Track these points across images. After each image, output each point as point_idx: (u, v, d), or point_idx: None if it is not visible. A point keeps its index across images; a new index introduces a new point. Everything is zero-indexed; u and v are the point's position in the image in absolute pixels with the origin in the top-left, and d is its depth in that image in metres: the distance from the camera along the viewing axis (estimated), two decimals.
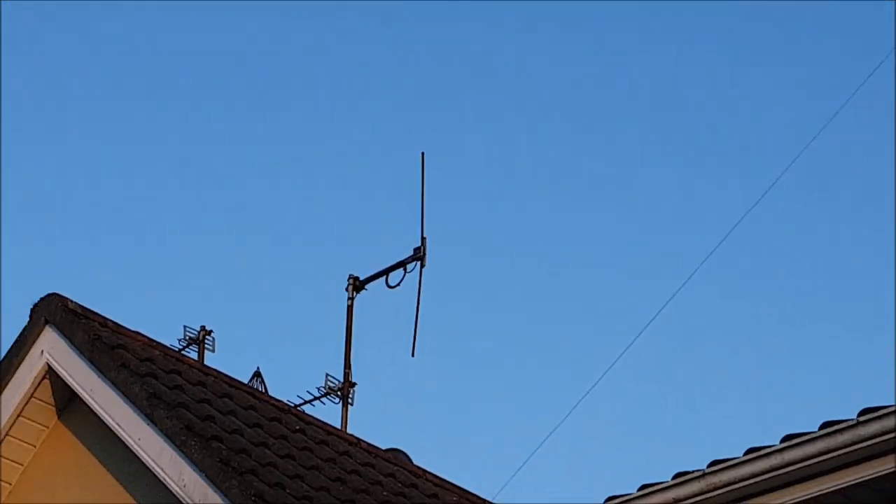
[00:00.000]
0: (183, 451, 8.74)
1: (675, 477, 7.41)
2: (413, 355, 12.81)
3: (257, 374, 12.06)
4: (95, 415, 9.41)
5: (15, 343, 9.97)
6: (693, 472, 7.42)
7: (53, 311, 9.82)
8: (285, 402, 11.38)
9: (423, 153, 12.96)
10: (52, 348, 9.73)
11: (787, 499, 7.14)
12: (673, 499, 7.46)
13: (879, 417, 6.58)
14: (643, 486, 7.58)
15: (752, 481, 7.19)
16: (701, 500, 7.37)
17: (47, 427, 10.00)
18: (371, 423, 13.45)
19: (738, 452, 7.07)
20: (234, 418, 9.67)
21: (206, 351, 12.27)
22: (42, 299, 9.92)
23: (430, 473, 11.39)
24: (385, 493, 10.11)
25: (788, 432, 7.06)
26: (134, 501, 9.32)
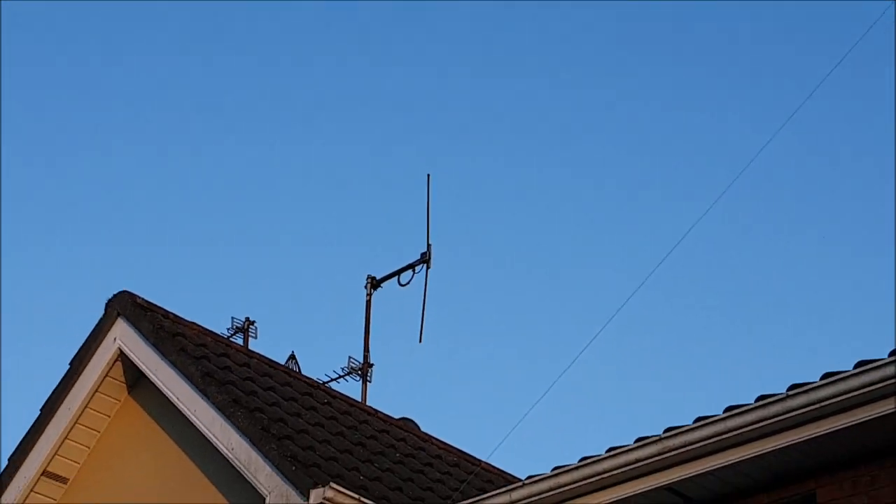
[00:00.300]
0: (231, 421, 8.90)
1: (636, 441, 7.59)
2: (420, 341, 12.70)
3: (292, 357, 11.98)
4: (159, 391, 9.61)
5: (92, 332, 10.07)
6: (651, 436, 7.66)
7: (124, 306, 9.96)
8: (315, 379, 11.57)
9: (428, 175, 12.97)
10: (122, 336, 9.87)
11: (730, 459, 7.43)
12: (635, 459, 7.67)
13: (806, 392, 6.87)
14: (610, 449, 7.72)
15: (700, 444, 7.39)
16: (659, 461, 7.61)
17: (119, 401, 10.13)
18: (386, 398, 13.43)
19: (719, 409, 7.21)
20: (272, 393, 9.79)
21: (249, 338, 12.22)
22: (115, 295, 10.06)
23: (434, 439, 11.52)
24: (397, 455, 10.17)
25: (762, 392, 7.15)
26: (192, 464, 9.43)
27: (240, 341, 11.80)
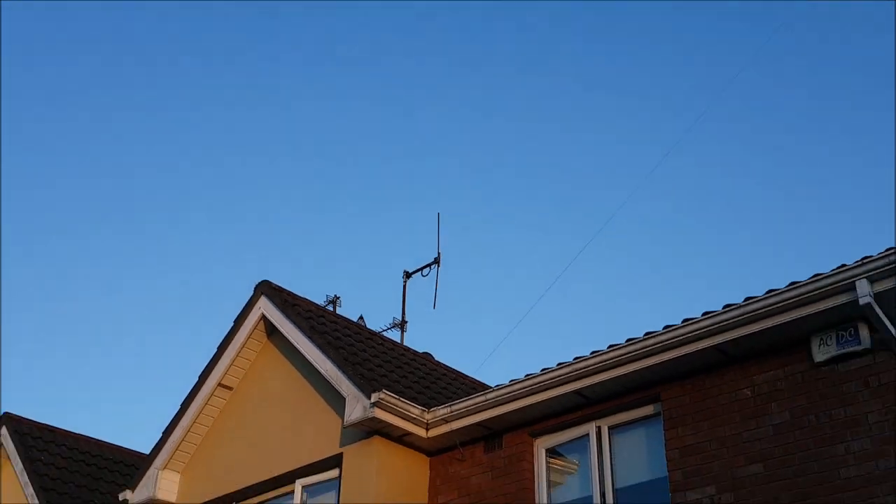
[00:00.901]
0: (326, 354, 9.17)
1: (557, 364, 8.20)
2: (434, 307, 13.15)
3: (360, 318, 12.29)
4: (285, 338, 9.83)
5: (247, 303, 10.28)
6: (566, 361, 8.17)
7: (265, 288, 10.19)
8: (373, 330, 11.99)
9: (438, 213, 13.38)
10: (264, 306, 10.10)
11: (612, 375, 7.88)
12: (558, 374, 8.15)
13: (653, 335, 7.67)
14: (544, 370, 8.32)
15: (599, 364, 7.90)
16: (572, 375, 8.05)
17: (262, 343, 10.32)
18: (415, 342, 13.94)
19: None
20: (350, 339, 10.03)
21: (337, 307, 12.83)
22: (260, 282, 10.23)
23: (443, 364, 11.74)
24: (420, 373, 10.37)
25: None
26: (305, 381, 9.61)
27: (331, 308, 12.06)
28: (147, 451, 11.10)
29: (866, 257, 6.69)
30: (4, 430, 11.99)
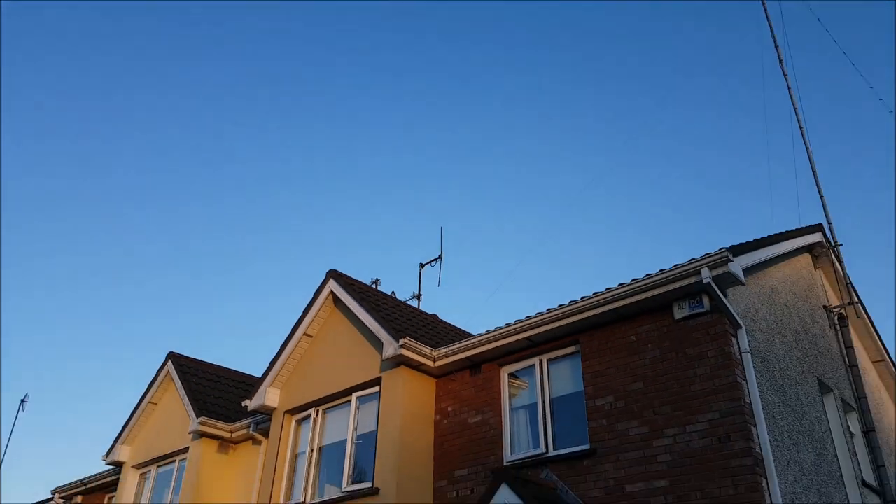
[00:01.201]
0: (372, 316, 9.13)
1: (515, 321, 8.17)
2: (439, 285, 13.51)
3: (393, 293, 12.28)
4: (346, 306, 9.73)
5: (321, 284, 10.11)
6: (522, 318, 8.12)
7: (333, 274, 10.06)
8: (400, 300, 11.77)
9: (441, 227, 13.56)
10: (332, 285, 10.02)
11: (550, 326, 7.88)
12: (517, 324, 8.15)
13: (571, 304, 7.63)
14: (507, 324, 8.25)
15: (543, 318, 7.89)
16: (525, 326, 8.05)
17: (330, 308, 10.12)
18: (427, 307, 14.35)
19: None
20: (387, 306, 10.03)
21: (378, 286, 12.68)
22: (329, 270, 10.06)
23: (445, 321, 11.65)
24: (430, 329, 10.29)
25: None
26: (359, 333, 9.44)
27: (374, 287, 11.69)
28: (259, 375, 11.22)
29: (707, 254, 6.78)
30: (170, 362, 11.99)
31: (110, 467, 12.49)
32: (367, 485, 8.26)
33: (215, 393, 11.65)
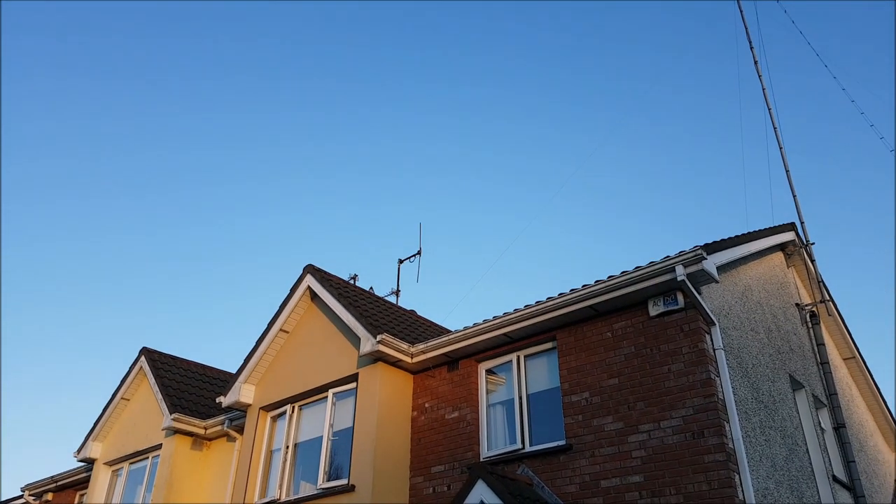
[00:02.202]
0: (349, 311, 9.03)
1: (493, 317, 8.11)
2: (417, 281, 13.27)
3: (371, 288, 12.18)
4: (323, 301, 9.58)
5: (298, 279, 9.97)
6: (501, 314, 8.08)
7: (310, 269, 9.92)
8: (379, 296, 11.48)
9: (420, 223, 13.45)
10: (309, 280, 9.86)
11: (527, 322, 7.86)
12: (494, 320, 8.12)
13: (547, 300, 7.62)
14: (485, 320, 8.21)
15: (520, 314, 7.90)
16: (503, 322, 8.01)
17: (307, 304, 9.97)
18: (405, 303, 14.03)
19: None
20: (365, 301, 9.84)
21: (356, 281, 12.49)
22: (306, 265, 9.92)
23: (423, 317, 11.56)
24: (407, 324, 10.19)
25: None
26: (336, 329, 9.33)
27: (352, 282, 11.69)
28: (234, 371, 11.11)
29: (682, 251, 6.79)
30: (143, 358, 11.80)
31: (82, 464, 12.31)
32: (343, 482, 8.19)
33: (189, 389, 11.49)
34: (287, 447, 9.28)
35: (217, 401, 10.17)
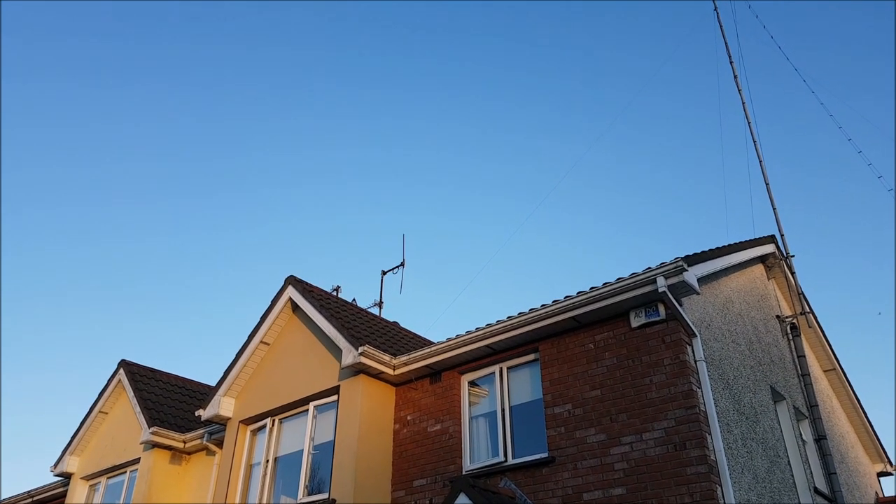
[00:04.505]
0: (331, 323, 8.94)
1: (476, 328, 8.09)
2: (401, 292, 13.05)
3: (354, 300, 12.19)
4: (305, 313, 9.52)
5: (279, 290, 9.89)
6: (484, 325, 8.04)
7: (291, 280, 9.87)
8: (361, 307, 11.45)
9: (403, 235, 13.46)
10: (291, 292, 9.81)
11: (510, 334, 7.85)
12: (477, 331, 8.07)
13: (531, 311, 7.60)
14: (467, 332, 8.18)
15: (503, 326, 7.87)
16: (485, 334, 7.99)
17: (289, 315, 9.91)
18: (388, 315, 13.88)
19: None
20: (347, 313, 9.77)
21: (338, 293, 12.43)
22: (288, 277, 9.87)
23: (406, 329, 11.47)
24: (390, 335, 10.04)
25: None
26: (316, 340, 9.31)
27: (334, 294, 11.48)
28: (214, 383, 11.00)
29: (663, 263, 6.79)
30: (122, 370, 11.64)
31: (59, 479, 12.12)
32: (324, 496, 8.09)
33: (168, 402, 11.34)
34: (267, 461, 9.20)
35: (196, 414, 10.06)
